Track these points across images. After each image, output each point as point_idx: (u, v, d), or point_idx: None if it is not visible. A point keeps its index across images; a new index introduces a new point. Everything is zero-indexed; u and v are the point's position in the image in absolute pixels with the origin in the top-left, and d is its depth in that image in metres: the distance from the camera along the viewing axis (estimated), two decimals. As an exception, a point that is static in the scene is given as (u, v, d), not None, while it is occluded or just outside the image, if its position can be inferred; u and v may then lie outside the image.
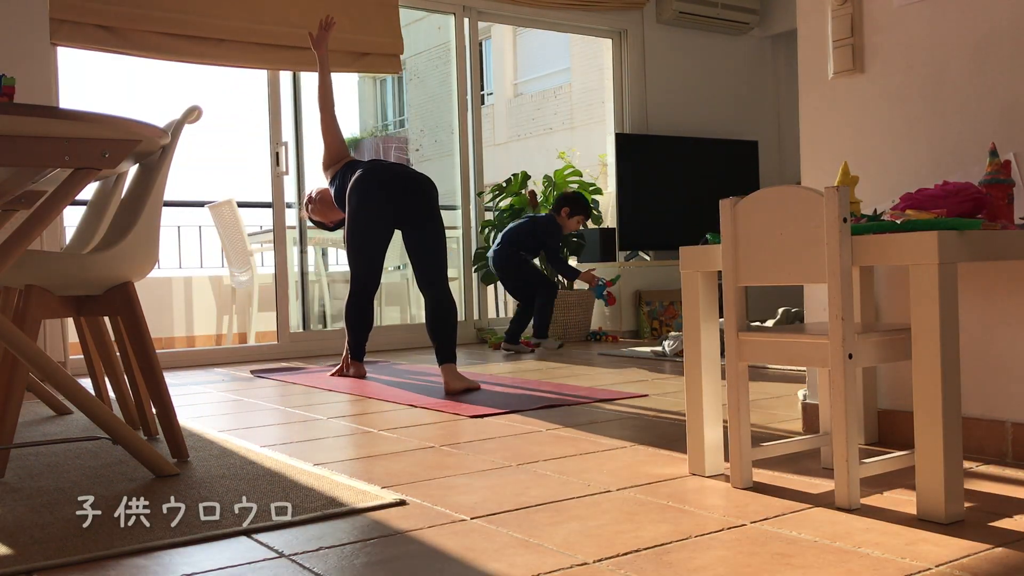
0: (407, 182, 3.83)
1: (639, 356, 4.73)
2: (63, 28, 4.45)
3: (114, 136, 2.03)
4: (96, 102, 12.94)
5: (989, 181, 1.91)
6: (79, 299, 2.44)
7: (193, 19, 4.77)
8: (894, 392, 2.38)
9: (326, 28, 4.14)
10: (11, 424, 2.19)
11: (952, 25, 2.25)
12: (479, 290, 6.01)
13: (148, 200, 2.45)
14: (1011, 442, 2.13)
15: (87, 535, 1.67)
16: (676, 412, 2.94)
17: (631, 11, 6.31)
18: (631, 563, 1.48)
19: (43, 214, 2.07)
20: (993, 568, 1.41)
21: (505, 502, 1.87)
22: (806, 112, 2.57)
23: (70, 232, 3.64)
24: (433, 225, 3.77)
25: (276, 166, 5.29)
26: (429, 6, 5.99)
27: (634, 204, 6.04)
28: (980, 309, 2.19)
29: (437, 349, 3.64)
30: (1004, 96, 2.16)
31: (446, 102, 6.01)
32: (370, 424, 2.87)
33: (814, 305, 2.56)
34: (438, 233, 3.77)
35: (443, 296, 3.72)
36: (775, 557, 1.49)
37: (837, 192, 1.73)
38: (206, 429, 2.83)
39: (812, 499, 1.83)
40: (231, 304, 6.44)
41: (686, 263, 2.08)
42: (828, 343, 1.77)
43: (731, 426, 1.95)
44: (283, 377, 4.24)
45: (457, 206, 6.02)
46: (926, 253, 1.66)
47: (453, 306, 3.72)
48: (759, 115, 6.90)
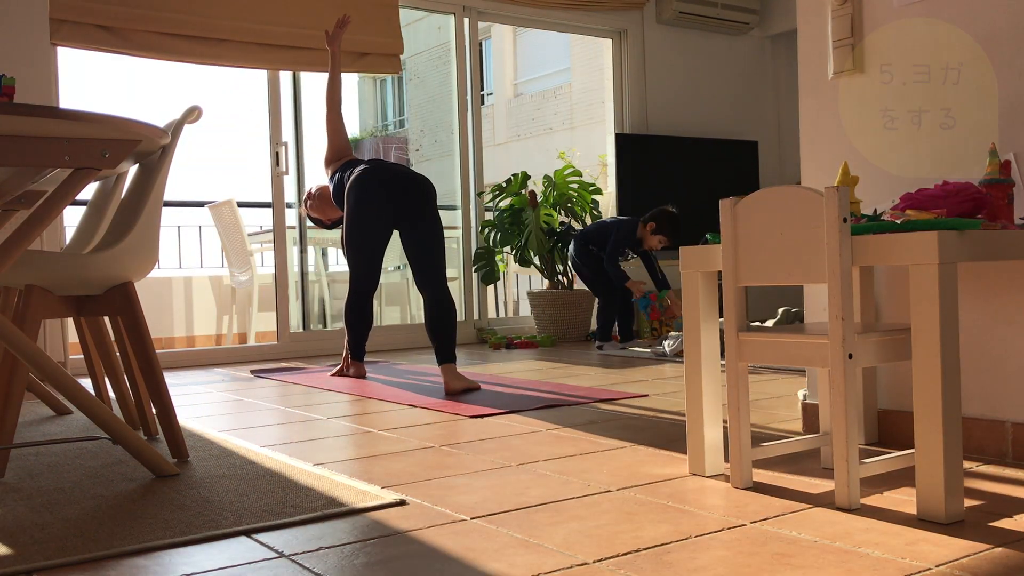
0: (406, 182, 3.83)
1: (639, 356, 4.74)
2: (63, 28, 4.45)
3: (114, 136, 2.03)
4: (96, 102, 12.94)
5: (989, 181, 1.91)
6: (79, 299, 2.44)
7: (193, 19, 4.77)
8: (894, 392, 2.38)
9: (341, 26, 4.15)
10: (11, 424, 2.19)
11: (952, 25, 2.25)
12: (479, 290, 6.01)
13: (148, 200, 2.45)
14: (1011, 442, 2.13)
15: (87, 535, 1.67)
16: (676, 412, 2.94)
17: (631, 11, 6.31)
18: (631, 563, 1.48)
19: (43, 214, 2.07)
20: (993, 568, 1.41)
21: (505, 502, 1.87)
22: (806, 112, 2.57)
23: (70, 232, 3.64)
24: (431, 225, 3.77)
25: (276, 166, 5.29)
26: (429, 6, 5.99)
27: (634, 204, 6.04)
28: (980, 309, 2.19)
29: (436, 349, 3.64)
30: (1004, 96, 2.16)
31: (446, 102, 6.01)
32: (370, 424, 2.87)
33: (814, 305, 2.56)
34: (436, 233, 3.77)
35: (442, 296, 3.72)
36: (775, 557, 1.49)
37: (837, 192, 1.73)
38: (206, 429, 2.83)
39: (812, 499, 1.83)
40: (231, 304, 6.45)
41: (686, 263, 2.08)
42: (828, 343, 1.77)
43: (731, 426, 1.95)
44: (283, 377, 4.24)
45: (457, 206, 6.02)
46: (926, 253, 1.66)
47: (452, 306, 3.72)
48: (759, 115, 6.90)
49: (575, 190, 5.89)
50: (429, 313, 3.70)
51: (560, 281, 5.87)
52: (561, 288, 5.87)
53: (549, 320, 5.75)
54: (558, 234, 5.79)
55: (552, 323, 5.74)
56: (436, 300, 3.70)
